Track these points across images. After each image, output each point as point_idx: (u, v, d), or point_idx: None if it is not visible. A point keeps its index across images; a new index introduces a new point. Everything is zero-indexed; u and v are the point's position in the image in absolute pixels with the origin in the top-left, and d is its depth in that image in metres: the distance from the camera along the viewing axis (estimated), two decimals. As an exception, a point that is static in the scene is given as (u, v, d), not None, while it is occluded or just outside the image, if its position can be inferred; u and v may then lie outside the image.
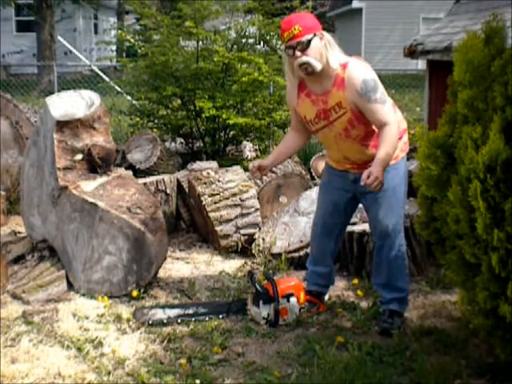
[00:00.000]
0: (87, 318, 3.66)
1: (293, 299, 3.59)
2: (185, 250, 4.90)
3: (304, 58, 3.23)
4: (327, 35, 3.30)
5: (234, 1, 7.33)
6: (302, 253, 4.40)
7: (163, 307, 3.70)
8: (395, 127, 3.27)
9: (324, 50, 3.25)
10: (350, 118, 3.31)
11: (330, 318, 3.69)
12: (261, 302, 3.57)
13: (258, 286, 3.58)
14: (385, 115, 3.24)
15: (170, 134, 7.23)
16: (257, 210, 4.82)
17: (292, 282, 3.69)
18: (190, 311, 3.66)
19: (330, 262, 3.79)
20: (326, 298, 3.92)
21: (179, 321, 3.57)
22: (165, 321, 3.55)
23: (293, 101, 3.51)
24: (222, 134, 7.02)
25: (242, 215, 4.76)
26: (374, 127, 3.35)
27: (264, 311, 3.56)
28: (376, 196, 3.42)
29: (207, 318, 3.61)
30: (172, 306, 3.74)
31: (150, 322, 3.52)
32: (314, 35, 3.23)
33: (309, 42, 3.22)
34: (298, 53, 3.23)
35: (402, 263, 3.57)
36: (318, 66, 3.25)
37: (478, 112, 2.84)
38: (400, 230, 3.54)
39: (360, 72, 3.26)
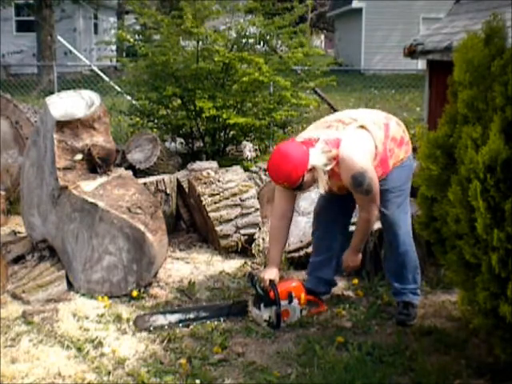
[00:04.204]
0: (87, 318, 3.66)
1: (294, 301, 3.58)
2: (185, 249, 4.90)
3: (302, 193, 3.55)
4: (313, 161, 3.32)
5: (234, 1, 7.33)
6: (301, 253, 4.40)
7: (164, 313, 3.67)
8: (373, 217, 3.51)
9: (314, 176, 3.37)
10: None
11: (330, 318, 3.69)
12: (262, 304, 3.56)
13: (258, 289, 3.57)
14: (366, 205, 3.46)
15: (170, 133, 7.23)
16: (257, 209, 4.82)
17: (293, 284, 3.68)
18: (191, 315, 3.64)
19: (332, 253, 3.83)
20: (327, 297, 3.93)
21: (181, 325, 3.56)
22: (166, 326, 3.54)
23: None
24: (222, 134, 7.02)
25: (242, 215, 4.76)
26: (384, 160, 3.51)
27: (265, 314, 3.56)
28: (382, 196, 3.52)
29: (208, 322, 3.60)
30: (172, 311, 3.71)
31: (152, 329, 3.51)
32: (302, 178, 3.33)
33: (300, 185, 3.37)
34: (297, 191, 3.51)
35: (413, 256, 3.69)
36: (315, 188, 3.49)
37: (478, 112, 2.84)
38: (409, 225, 3.67)
39: (349, 167, 3.34)
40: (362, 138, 3.44)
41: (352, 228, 4.21)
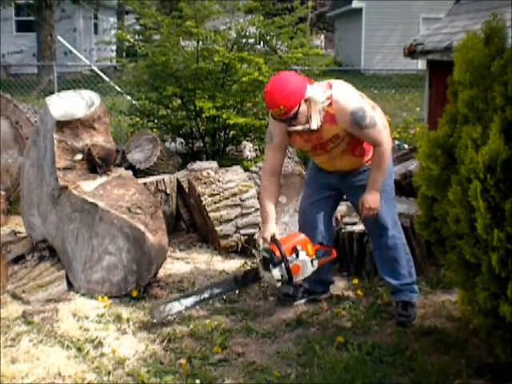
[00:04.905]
0: (87, 318, 3.67)
1: (301, 254, 3.51)
2: (185, 249, 4.90)
3: (293, 128, 3.39)
4: (310, 93, 3.30)
5: (234, 1, 7.32)
6: (302, 253, 4.39)
7: (178, 299, 3.65)
8: (388, 146, 3.45)
9: (308, 111, 3.33)
10: (349, 141, 3.46)
11: (330, 318, 3.69)
12: (271, 265, 3.50)
13: (263, 252, 3.54)
14: (377, 136, 3.39)
15: (170, 133, 7.22)
16: (257, 209, 4.81)
17: (296, 238, 3.60)
18: (206, 295, 3.61)
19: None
20: (327, 296, 3.94)
21: (198, 307, 3.52)
22: (184, 311, 3.52)
23: (282, 142, 3.55)
24: (222, 134, 7.02)
25: (242, 215, 4.76)
26: None
27: (276, 273, 3.49)
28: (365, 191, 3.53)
29: (224, 297, 3.56)
30: (186, 296, 3.68)
31: (170, 318, 3.49)
32: (299, 106, 3.29)
33: (295, 115, 3.31)
34: (289, 126, 3.39)
35: (404, 249, 3.69)
36: (306, 128, 3.37)
37: (478, 112, 2.84)
38: (396, 220, 3.68)
39: (346, 104, 3.34)
40: (353, 89, 3.50)
41: (352, 228, 4.25)
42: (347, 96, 3.38)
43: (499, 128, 2.66)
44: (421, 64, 12.31)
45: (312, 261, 3.57)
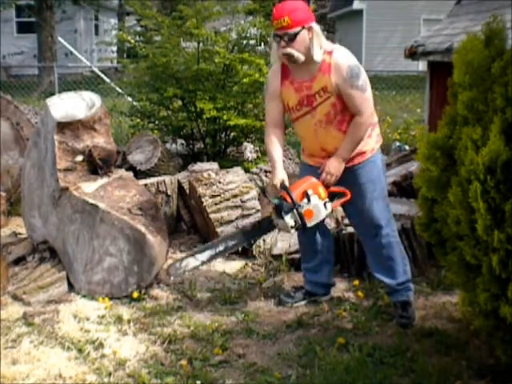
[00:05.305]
0: (88, 319, 3.67)
1: (313, 198, 3.45)
2: (185, 251, 4.89)
3: (288, 50, 3.38)
4: (316, 27, 3.40)
5: (235, 2, 7.33)
6: (302, 254, 4.39)
7: (193, 255, 3.59)
8: (367, 119, 3.45)
9: (309, 43, 3.38)
10: (334, 102, 3.44)
11: (331, 319, 3.69)
12: (283, 212, 3.46)
13: (273, 200, 3.51)
14: (362, 103, 3.41)
15: (170, 135, 7.23)
16: (258, 211, 4.81)
17: (307, 182, 3.52)
18: (221, 248, 3.57)
19: (320, 256, 3.84)
20: (328, 297, 3.94)
21: (213, 261, 3.45)
22: (200, 266, 3.47)
23: (276, 89, 3.58)
24: (223, 136, 7.02)
25: (243, 216, 4.76)
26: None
27: (289, 220, 3.45)
28: (356, 191, 3.53)
29: (240, 248, 3.55)
30: (201, 251, 3.63)
31: (187, 274, 3.43)
32: (302, 28, 3.36)
33: (295, 35, 3.35)
34: (283, 43, 3.38)
35: (398, 247, 3.68)
36: (301, 59, 3.39)
37: (478, 113, 2.84)
38: (390, 218, 3.66)
39: (346, 58, 3.43)
40: None
41: (352, 229, 4.25)
42: (348, 54, 3.47)
43: (499, 129, 2.66)
44: (421, 65, 12.34)
45: (325, 204, 3.49)
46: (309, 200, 3.45)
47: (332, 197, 3.55)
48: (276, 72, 3.59)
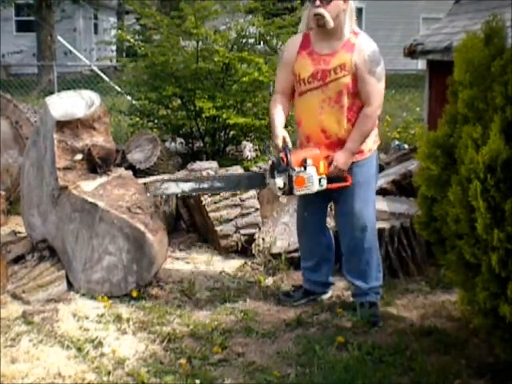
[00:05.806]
0: (87, 318, 3.66)
1: (310, 168, 3.41)
2: (185, 250, 4.90)
3: (321, 10, 3.38)
4: (352, 4, 3.45)
5: (235, 1, 7.32)
6: (302, 253, 4.39)
7: (176, 181, 3.54)
8: (375, 111, 3.47)
9: (342, 14, 3.42)
10: (348, 83, 3.44)
11: (330, 318, 3.69)
12: (276, 172, 3.44)
13: (272, 158, 3.48)
14: (373, 91, 3.45)
15: (169, 133, 7.22)
16: (257, 209, 4.81)
17: (310, 151, 3.48)
18: (205, 185, 3.51)
19: (320, 255, 3.85)
20: (327, 296, 3.94)
21: (194, 194, 3.38)
22: (179, 194, 3.41)
23: (292, 58, 3.56)
24: (222, 134, 7.02)
25: (242, 215, 4.75)
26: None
27: (279, 181, 3.42)
28: (351, 189, 3.52)
29: (222, 193, 3.41)
30: (186, 180, 3.57)
31: (164, 196, 3.37)
32: None
33: (329, 1, 3.37)
34: (317, 2, 3.38)
35: (376, 253, 3.71)
36: (330, 23, 3.39)
37: (478, 112, 2.84)
38: (375, 223, 3.69)
39: (371, 43, 3.50)
40: None
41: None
42: (373, 42, 3.52)
43: (499, 128, 2.66)
44: (421, 64, 12.31)
45: (320, 179, 3.45)
46: (305, 168, 3.41)
47: (332, 180, 3.51)
48: (295, 41, 3.59)
